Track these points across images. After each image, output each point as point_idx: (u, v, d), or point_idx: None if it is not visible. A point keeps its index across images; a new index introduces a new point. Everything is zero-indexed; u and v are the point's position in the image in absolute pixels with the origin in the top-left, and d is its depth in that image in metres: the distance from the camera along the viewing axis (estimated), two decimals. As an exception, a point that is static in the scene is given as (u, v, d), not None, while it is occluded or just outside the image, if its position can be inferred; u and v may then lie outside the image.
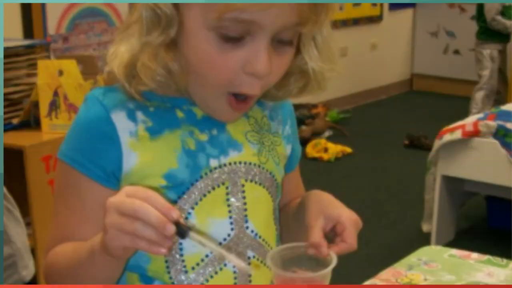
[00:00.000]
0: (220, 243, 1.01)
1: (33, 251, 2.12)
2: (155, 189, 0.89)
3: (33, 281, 1.67)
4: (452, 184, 3.41)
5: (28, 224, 2.04)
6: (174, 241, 0.85)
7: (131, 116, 0.99)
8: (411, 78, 7.34)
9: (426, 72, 7.20)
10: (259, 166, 1.05)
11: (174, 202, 0.98)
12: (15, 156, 2.27)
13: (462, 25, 6.80)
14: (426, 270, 1.41)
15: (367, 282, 1.36)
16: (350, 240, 0.98)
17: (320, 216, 0.99)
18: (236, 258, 0.87)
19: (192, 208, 0.99)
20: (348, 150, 5.04)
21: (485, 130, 3.22)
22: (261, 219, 1.05)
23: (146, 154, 0.98)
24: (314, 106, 5.60)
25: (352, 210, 1.01)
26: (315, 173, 4.52)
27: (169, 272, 1.00)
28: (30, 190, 2.30)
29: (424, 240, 3.30)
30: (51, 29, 3.75)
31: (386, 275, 1.39)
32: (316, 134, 5.30)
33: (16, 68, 2.54)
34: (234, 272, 1.02)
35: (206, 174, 1.00)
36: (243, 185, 1.03)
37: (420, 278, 1.38)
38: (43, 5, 3.67)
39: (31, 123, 2.49)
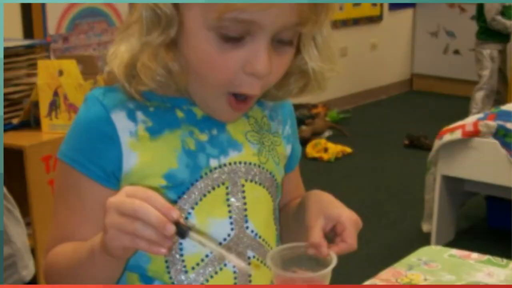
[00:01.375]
0: (220, 243, 1.01)
1: (33, 251, 2.12)
2: (155, 189, 0.89)
3: (33, 281, 1.67)
4: (452, 184, 3.41)
5: (28, 224, 2.04)
6: (174, 241, 0.85)
7: (131, 116, 0.99)
8: (411, 78, 7.34)
9: (426, 72, 7.20)
10: (259, 166, 1.05)
11: (174, 202, 0.98)
12: (15, 156, 2.27)
13: (462, 25, 6.80)
14: (426, 270, 1.41)
15: (367, 282, 1.36)
16: (350, 240, 0.98)
17: (320, 216, 0.99)
18: (236, 258, 0.87)
19: (192, 208, 0.99)
20: (348, 150, 5.04)
21: (485, 130, 3.22)
22: (261, 219, 1.05)
23: (146, 154, 0.98)
24: (314, 106, 5.61)
25: (352, 210, 1.01)
26: (315, 173, 4.51)
27: (169, 272, 1.00)
28: (30, 190, 2.30)
29: (424, 240, 3.29)
30: (51, 29, 3.75)
31: (386, 275, 1.39)
32: (316, 134, 5.30)
33: (16, 68, 2.54)
34: (234, 272, 1.02)
35: (206, 174, 1.00)
36: (243, 185, 1.03)
37: (420, 278, 1.38)
38: (43, 5, 3.67)
39: (31, 123, 2.49)
